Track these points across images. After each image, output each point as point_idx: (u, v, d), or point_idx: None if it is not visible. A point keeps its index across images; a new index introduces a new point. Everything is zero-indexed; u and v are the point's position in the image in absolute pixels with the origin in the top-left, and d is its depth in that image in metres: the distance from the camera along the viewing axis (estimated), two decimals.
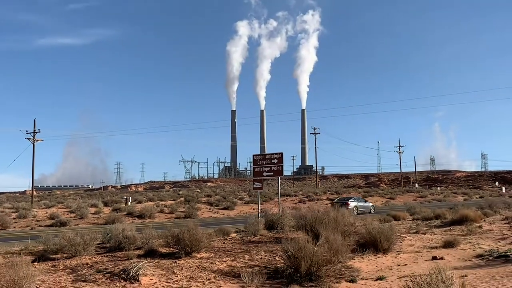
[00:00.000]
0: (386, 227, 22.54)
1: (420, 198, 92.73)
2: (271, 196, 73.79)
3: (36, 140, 76.83)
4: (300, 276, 15.27)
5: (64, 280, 14.63)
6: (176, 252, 18.40)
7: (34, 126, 76.99)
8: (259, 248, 20.28)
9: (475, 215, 32.05)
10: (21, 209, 57.71)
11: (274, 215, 29.73)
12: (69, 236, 18.90)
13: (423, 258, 19.53)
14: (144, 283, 14.58)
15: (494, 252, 19.34)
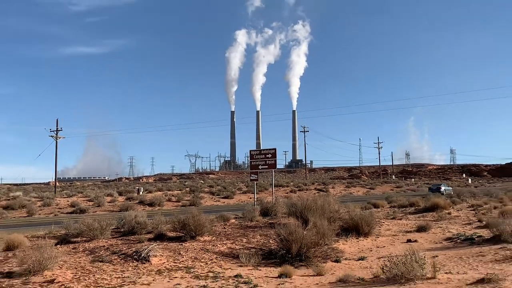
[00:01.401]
0: (367, 213, 22.58)
1: (397, 188, 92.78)
2: (265, 187, 73.74)
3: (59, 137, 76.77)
4: (291, 257, 15.30)
5: (84, 260, 14.62)
6: (182, 236, 18.40)
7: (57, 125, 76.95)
8: (255, 232, 20.29)
9: (444, 203, 32.13)
10: (46, 198, 57.55)
11: (269, 203, 29.73)
12: (87, 222, 18.89)
13: (399, 241, 19.58)
14: (154, 263, 14.58)
15: (461, 236, 19.41)
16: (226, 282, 12.47)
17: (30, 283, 11.95)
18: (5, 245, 16.11)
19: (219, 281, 12.66)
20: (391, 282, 11.11)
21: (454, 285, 10.50)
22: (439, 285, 10.61)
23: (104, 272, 13.39)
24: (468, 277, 11.45)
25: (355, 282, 11.68)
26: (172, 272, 13.75)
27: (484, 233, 19.12)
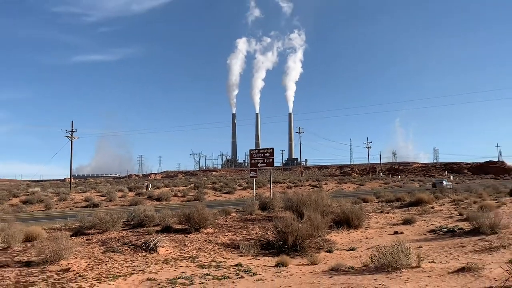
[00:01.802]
0: (357, 208, 22.60)
1: (384, 184, 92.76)
2: (264, 183, 73.73)
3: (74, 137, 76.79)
4: (287, 247, 15.34)
5: (96, 251, 14.64)
6: (187, 228, 18.42)
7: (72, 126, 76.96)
8: (254, 225, 20.31)
9: (428, 198, 32.14)
10: (62, 194, 57.63)
11: (267, 198, 29.75)
12: (100, 215, 18.91)
13: (387, 232, 19.61)
14: (161, 253, 14.61)
15: (443, 228, 19.42)
16: (228, 270, 12.49)
17: (48, 271, 11.98)
18: (24, 236, 16.12)
19: (221, 269, 12.69)
20: (379, 270, 11.14)
21: (437, 274, 10.52)
22: (423, 273, 10.63)
23: (116, 262, 13.42)
24: (450, 266, 11.47)
25: (346, 271, 11.70)
26: (178, 262, 13.77)
27: (464, 226, 19.14)
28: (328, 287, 9.59)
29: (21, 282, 10.97)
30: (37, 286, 10.58)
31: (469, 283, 9.26)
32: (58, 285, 10.77)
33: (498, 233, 16.51)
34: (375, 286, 9.26)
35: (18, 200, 49.50)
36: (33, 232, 16.54)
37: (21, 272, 11.90)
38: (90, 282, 11.16)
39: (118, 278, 11.65)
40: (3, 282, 10.84)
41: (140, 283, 11.20)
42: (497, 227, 17.05)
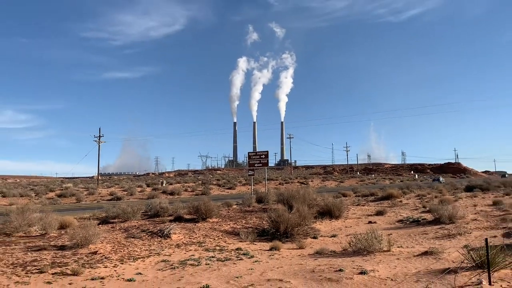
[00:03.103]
0: (338, 201, 22.61)
1: (361, 182, 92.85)
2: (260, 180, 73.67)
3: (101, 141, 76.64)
4: (279, 234, 15.33)
5: (119, 236, 14.61)
6: (196, 218, 18.39)
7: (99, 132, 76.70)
8: (252, 215, 20.29)
9: (397, 193, 32.18)
10: (90, 189, 57.57)
11: (262, 193, 29.74)
12: (123, 207, 18.90)
13: (363, 222, 19.61)
14: (174, 238, 14.58)
15: (410, 218, 19.45)
16: (229, 253, 12.48)
17: (78, 254, 11.94)
18: (59, 224, 16.08)
19: (224, 252, 12.67)
20: (356, 254, 11.14)
21: (404, 256, 10.53)
22: (393, 256, 10.63)
23: (135, 246, 13.39)
24: (415, 250, 11.48)
25: (329, 254, 11.70)
26: (188, 246, 13.75)
27: (427, 217, 19.17)
28: (314, 267, 9.58)
29: (56, 262, 10.94)
30: (69, 266, 10.55)
31: (431, 264, 9.27)
32: (87, 265, 10.73)
33: (455, 223, 16.56)
34: (353, 267, 9.25)
35: (54, 194, 49.36)
36: (66, 221, 16.50)
37: (56, 254, 11.86)
38: (114, 263, 11.13)
39: (137, 260, 11.63)
40: (42, 263, 10.81)
41: (156, 264, 11.18)
42: (455, 218, 17.10)
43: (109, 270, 10.42)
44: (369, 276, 8.40)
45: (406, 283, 7.67)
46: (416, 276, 8.20)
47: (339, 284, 7.91)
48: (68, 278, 9.54)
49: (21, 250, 12.30)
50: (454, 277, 7.65)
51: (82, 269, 10.18)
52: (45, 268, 10.22)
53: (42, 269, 10.11)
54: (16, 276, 9.62)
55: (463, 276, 7.80)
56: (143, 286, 8.63)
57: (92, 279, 9.38)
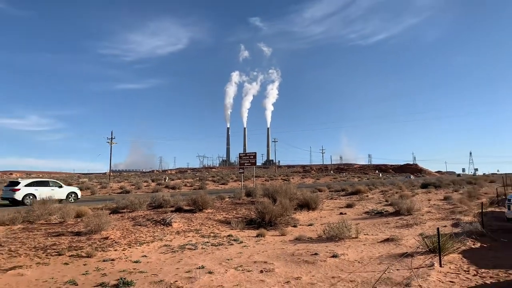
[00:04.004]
0: (314, 195, 22.67)
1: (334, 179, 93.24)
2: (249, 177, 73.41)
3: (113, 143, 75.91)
4: (265, 223, 15.31)
5: (128, 224, 14.47)
6: (193, 209, 18.28)
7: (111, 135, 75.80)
8: (241, 207, 20.25)
9: (364, 189, 32.42)
10: (103, 183, 56.89)
11: (251, 188, 29.68)
12: (131, 199, 18.69)
13: (335, 213, 19.70)
14: (175, 226, 14.48)
15: (374, 210, 19.59)
16: (222, 239, 12.44)
17: (92, 239, 11.80)
18: (76, 214, 15.86)
19: (217, 238, 12.62)
20: (329, 240, 11.19)
21: (369, 242, 10.60)
22: (360, 242, 10.70)
23: (141, 232, 13.27)
24: (379, 237, 11.57)
25: (306, 240, 11.73)
26: (186, 233, 13.67)
27: (389, 209, 19.32)
28: (293, 251, 9.60)
29: (72, 246, 10.80)
30: (84, 249, 10.42)
31: (392, 249, 9.35)
32: (99, 249, 10.61)
33: (412, 214, 16.71)
34: (326, 251, 9.29)
35: None
36: (82, 210, 16.28)
37: (73, 239, 11.71)
38: (123, 247, 11.03)
39: (143, 244, 11.53)
40: (60, 246, 10.66)
41: (159, 248, 11.10)
42: (412, 210, 17.26)
43: (118, 253, 10.32)
44: (340, 259, 8.45)
45: (371, 265, 7.72)
46: (379, 259, 8.27)
47: (314, 266, 7.94)
48: (83, 259, 9.43)
49: (42, 236, 12.12)
50: (411, 260, 7.73)
51: (95, 252, 10.07)
52: (63, 251, 10.09)
53: (60, 252, 9.98)
54: (38, 258, 9.49)
55: (418, 259, 7.89)
56: (148, 267, 8.57)
57: (103, 261, 9.28)
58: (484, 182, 46.89)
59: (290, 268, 7.82)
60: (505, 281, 6.23)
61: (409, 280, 6.25)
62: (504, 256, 8.18)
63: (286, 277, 7.08)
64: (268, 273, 7.42)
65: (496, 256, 8.16)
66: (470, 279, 6.45)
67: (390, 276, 6.59)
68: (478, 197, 24.04)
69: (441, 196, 26.03)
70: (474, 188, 31.52)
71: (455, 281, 6.35)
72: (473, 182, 44.56)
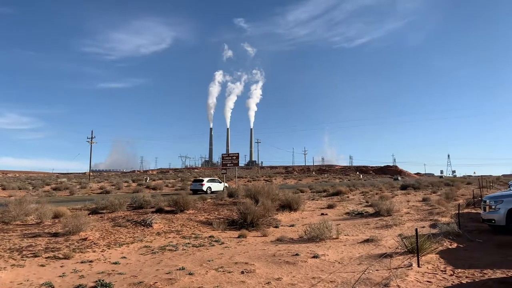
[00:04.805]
0: (296, 196, 22.76)
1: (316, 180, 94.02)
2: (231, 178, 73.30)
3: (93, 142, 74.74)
4: (247, 224, 15.29)
5: (107, 225, 14.22)
6: (175, 210, 18.10)
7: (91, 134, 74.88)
8: (223, 208, 20.17)
9: (345, 190, 32.76)
10: (83, 183, 55.83)
11: (233, 189, 29.62)
12: (111, 200, 18.38)
13: (316, 214, 19.82)
14: (155, 227, 14.31)
15: (355, 211, 19.80)
16: (203, 240, 12.36)
17: (70, 240, 11.56)
18: (53, 214, 15.49)
19: (198, 239, 12.54)
20: (311, 241, 11.24)
21: (350, 243, 10.70)
22: (341, 243, 10.79)
23: (121, 233, 13.07)
24: (359, 238, 11.69)
25: (288, 240, 11.76)
26: (167, 234, 13.53)
27: (369, 210, 19.56)
28: (275, 252, 9.60)
29: (49, 247, 10.54)
30: (61, 251, 10.19)
31: (372, 250, 9.45)
32: (77, 250, 10.40)
33: (392, 215, 16.95)
34: (307, 252, 9.33)
35: (50, 187, 47.61)
36: (60, 211, 15.92)
37: (50, 240, 11.44)
38: (102, 248, 10.83)
39: (122, 245, 11.35)
40: (36, 248, 10.39)
41: (139, 249, 10.94)
42: (392, 211, 17.52)
43: (97, 254, 10.13)
44: (321, 259, 8.50)
45: (351, 266, 7.79)
46: (359, 260, 8.35)
47: (295, 266, 7.95)
48: (60, 261, 9.21)
49: (18, 237, 11.79)
50: (390, 260, 7.84)
51: (73, 253, 9.86)
52: (39, 252, 9.84)
53: (37, 254, 9.73)
54: (13, 259, 9.22)
55: (397, 259, 8.00)
56: (127, 268, 8.43)
57: (81, 262, 9.09)
58: (461, 184, 48.02)
59: (271, 269, 7.81)
60: (480, 281, 6.38)
61: (388, 280, 6.33)
62: (479, 256, 8.38)
63: (267, 278, 7.07)
64: (249, 274, 7.40)
65: (472, 257, 8.34)
66: (447, 279, 6.57)
67: (369, 277, 6.66)
68: (455, 199, 24.58)
69: (419, 198, 26.51)
70: (452, 189, 32.21)
71: (432, 281, 6.46)
72: (451, 184, 45.56)
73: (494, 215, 11.63)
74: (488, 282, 6.26)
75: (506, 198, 11.87)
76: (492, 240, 10.37)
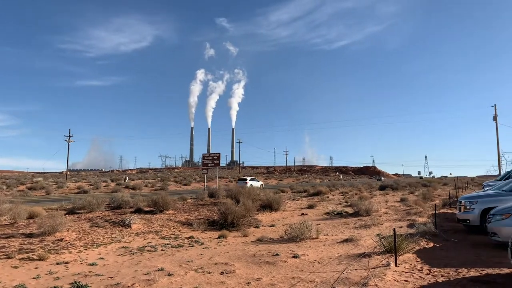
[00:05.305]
0: (277, 196, 22.82)
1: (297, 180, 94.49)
2: (212, 178, 72.92)
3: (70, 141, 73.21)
4: (227, 224, 15.24)
5: (84, 225, 13.93)
6: (154, 210, 17.86)
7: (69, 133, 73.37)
8: (204, 208, 20.05)
9: (325, 190, 33.02)
10: (59, 183, 54.54)
11: (214, 189, 29.41)
12: (88, 199, 17.98)
13: (297, 214, 19.91)
14: (134, 228, 14.10)
15: (335, 211, 19.96)
16: (183, 241, 12.25)
17: (45, 241, 11.26)
18: (28, 214, 15.06)
19: (178, 240, 12.42)
20: (291, 241, 11.29)
21: (329, 243, 10.79)
22: (320, 243, 10.87)
23: (99, 234, 12.82)
24: (338, 237, 11.80)
25: (268, 241, 11.77)
26: (146, 234, 13.35)
27: (349, 210, 19.76)
28: (255, 252, 9.60)
29: (23, 249, 10.25)
30: (36, 252, 9.92)
31: (351, 249, 9.56)
32: (53, 251, 10.14)
33: (371, 215, 17.18)
34: (287, 252, 9.36)
35: (24, 187, 46.31)
36: (35, 211, 15.49)
37: (24, 241, 11.12)
38: (79, 249, 10.60)
39: (100, 246, 11.13)
40: (9, 249, 10.09)
41: (117, 250, 10.75)
42: (370, 211, 17.75)
43: (73, 255, 9.90)
44: (301, 259, 8.54)
45: (330, 265, 7.85)
46: (338, 259, 8.42)
47: (275, 266, 7.97)
48: (34, 263, 8.97)
49: None
50: (368, 260, 7.93)
51: (48, 254, 9.61)
52: (12, 254, 9.55)
53: (10, 255, 9.44)
54: None
55: (375, 259, 8.10)
56: (104, 270, 8.27)
57: (57, 264, 8.87)
58: (438, 185, 49.13)
59: (251, 269, 7.80)
60: (455, 280, 6.53)
61: (366, 280, 6.41)
62: (454, 255, 8.58)
63: (246, 278, 7.05)
64: (228, 275, 7.37)
65: (447, 256, 8.54)
66: (423, 278, 6.70)
67: (348, 276, 6.73)
68: (432, 199, 25.11)
69: (397, 198, 26.95)
70: (429, 190, 32.90)
71: (409, 280, 6.58)
72: (428, 184, 46.56)
73: (469, 215, 11.94)
74: (462, 281, 6.42)
75: (480, 198, 12.21)
76: (467, 240, 10.65)
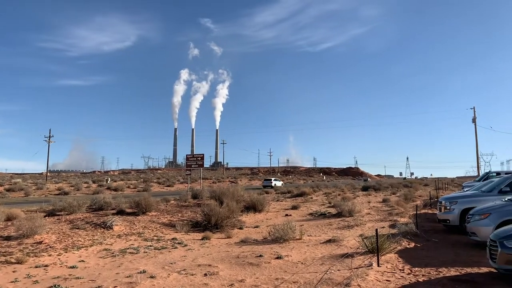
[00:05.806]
0: (261, 197, 22.82)
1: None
2: (196, 179, 72.38)
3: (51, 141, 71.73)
4: (211, 226, 15.15)
5: (65, 228, 13.64)
6: (136, 211, 17.62)
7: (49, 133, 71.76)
8: (187, 209, 19.90)
9: (309, 191, 33.17)
10: (39, 184, 53.28)
11: (198, 190, 29.22)
12: (69, 201, 17.63)
13: (281, 215, 19.95)
14: (116, 230, 13.89)
15: (318, 212, 20.08)
16: (166, 243, 12.12)
17: (24, 243, 10.99)
18: (6, 216, 14.66)
19: (161, 242, 12.28)
20: (275, 242, 11.29)
21: (313, 243, 10.84)
22: (304, 243, 10.91)
23: (80, 236, 12.58)
24: (322, 238, 11.87)
25: (252, 242, 11.76)
26: (128, 236, 13.16)
27: (332, 211, 19.90)
28: (238, 253, 9.57)
29: (1, 252, 9.98)
30: (14, 255, 9.66)
31: (334, 250, 9.63)
32: (32, 254, 9.90)
33: (353, 216, 17.35)
34: (271, 253, 9.37)
35: (2, 188, 45.04)
36: (13, 213, 15.09)
37: (1, 244, 10.82)
38: (59, 252, 10.38)
39: (81, 249, 10.92)
40: None
41: (98, 252, 10.57)
42: (353, 212, 17.92)
43: (53, 258, 9.69)
44: (284, 260, 8.55)
45: (313, 266, 7.89)
46: (321, 260, 8.47)
47: (259, 268, 7.96)
48: (12, 266, 8.74)
49: None
50: (351, 260, 8.00)
51: (27, 257, 9.37)
52: None
53: None
54: None
55: (358, 259, 8.18)
56: (85, 272, 8.12)
57: (36, 267, 8.66)
58: (419, 186, 50.00)
59: (234, 271, 7.77)
60: (436, 279, 6.65)
61: (349, 280, 6.46)
62: (435, 255, 8.74)
63: (230, 280, 7.02)
64: (212, 276, 7.32)
65: (428, 256, 8.69)
66: (405, 278, 6.80)
67: (331, 277, 6.77)
68: (413, 200, 25.54)
69: (380, 199, 27.30)
70: (410, 191, 33.45)
71: (391, 279, 6.66)
72: (409, 185, 47.33)
73: (449, 216, 12.19)
74: (443, 280, 6.54)
75: (460, 199, 12.49)
76: (447, 240, 10.87)
